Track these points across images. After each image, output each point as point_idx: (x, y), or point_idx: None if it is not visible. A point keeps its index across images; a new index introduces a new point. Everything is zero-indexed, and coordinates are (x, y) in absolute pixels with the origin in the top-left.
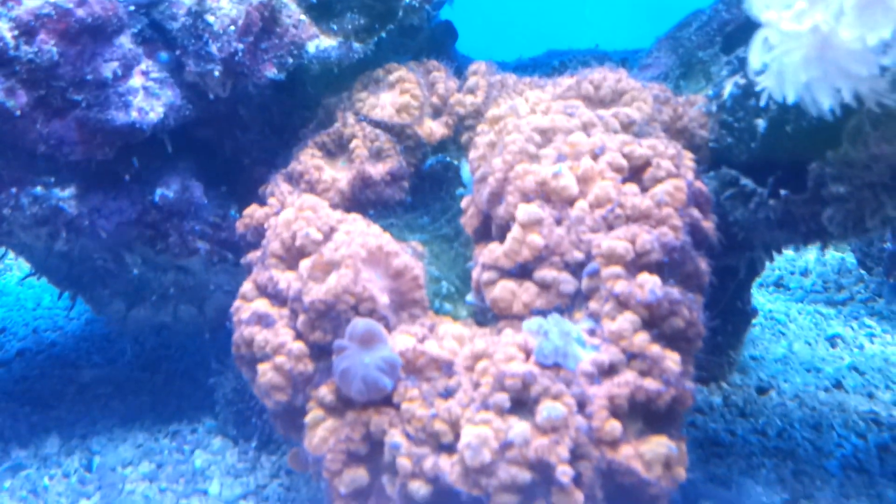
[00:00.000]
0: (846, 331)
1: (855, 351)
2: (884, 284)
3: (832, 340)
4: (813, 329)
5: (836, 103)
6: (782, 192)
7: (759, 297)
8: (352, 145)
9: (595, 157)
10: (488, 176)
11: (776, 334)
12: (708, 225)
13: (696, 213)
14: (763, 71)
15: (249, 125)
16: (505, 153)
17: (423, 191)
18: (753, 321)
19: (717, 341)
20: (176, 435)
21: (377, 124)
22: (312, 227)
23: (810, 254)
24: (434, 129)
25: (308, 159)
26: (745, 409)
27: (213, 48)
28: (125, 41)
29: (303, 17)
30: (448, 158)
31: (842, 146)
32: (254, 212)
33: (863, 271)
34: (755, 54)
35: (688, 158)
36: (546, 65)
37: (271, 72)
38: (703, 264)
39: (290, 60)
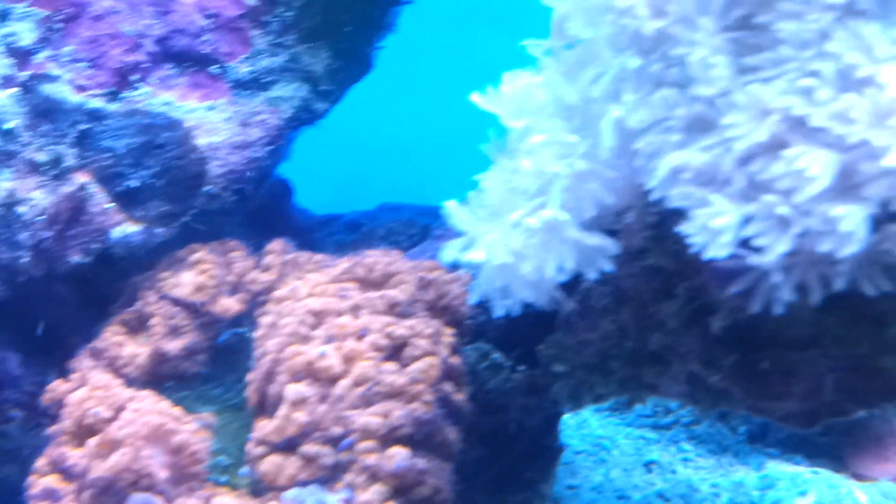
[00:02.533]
0: (663, 456)
1: (668, 476)
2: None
3: (649, 466)
4: (634, 455)
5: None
6: (521, 367)
7: (593, 421)
8: (151, 322)
9: (360, 338)
10: (264, 356)
11: (598, 461)
12: (459, 397)
13: (448, 387)
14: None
15: (66, 299)
16: (279, 335)
17: (219, 363)
18: (578, 449)
19: (527, 477)
20: None
21: (176, 302)
22: (102, 406)
23: None
24: (230, 305)
25: (110, 336)
26: None
27: (23, 237)
28: None
29: (109, 204)
30: (243, 331)
31: (556, 333)
32: (57, 387)
33: None
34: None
35: (447, 335)
36: (373, 220)
37: (77, 257)
38: (453, 434)
39: (95, 246)
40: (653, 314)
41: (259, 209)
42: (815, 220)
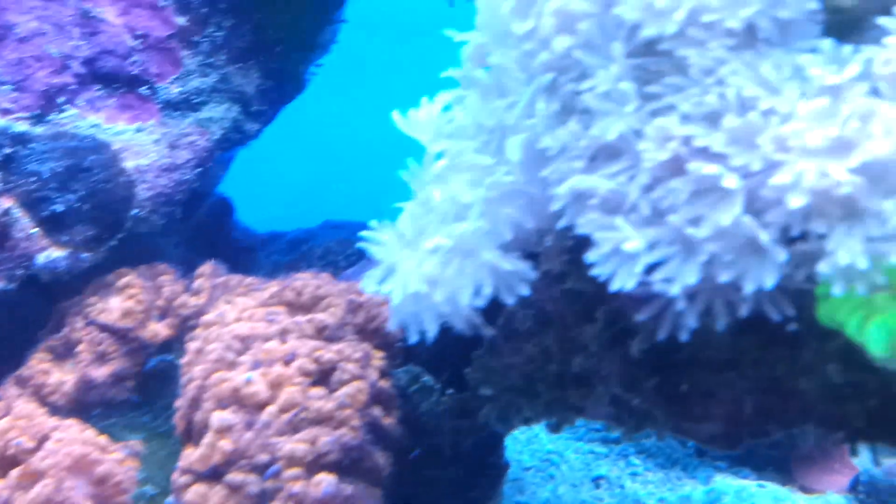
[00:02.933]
0: (612, 471)
1: (616, 491)
2: None
3: (597, 482)
4: (582, 470)
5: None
6: (450, 390)
7: (543, 436)
8: (78, 349)
9: (287, 363)
10: (190, 382)
11: (546, 477)
12: (389, 421)
13: (377, 411)
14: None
15: None
16: (205, 361)
17: (148, 390)
18: (527, 465)
19: (472, 496)
20: None
21: (104, 328)
22: (25, 437)
23: None
24: (159, 330)
25: (36, 363)
26: None
27: None
28: None
29: (34, 230)
30: (172, 358)
31: (482, 356)
32: None
33: None
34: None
35: (377, 358)
36: (314, 238)
37: (1, 284)
38: (383, 459)
39: (20, 272)
40: (575, 337)
41: (199, 228)
42: (712, 247)
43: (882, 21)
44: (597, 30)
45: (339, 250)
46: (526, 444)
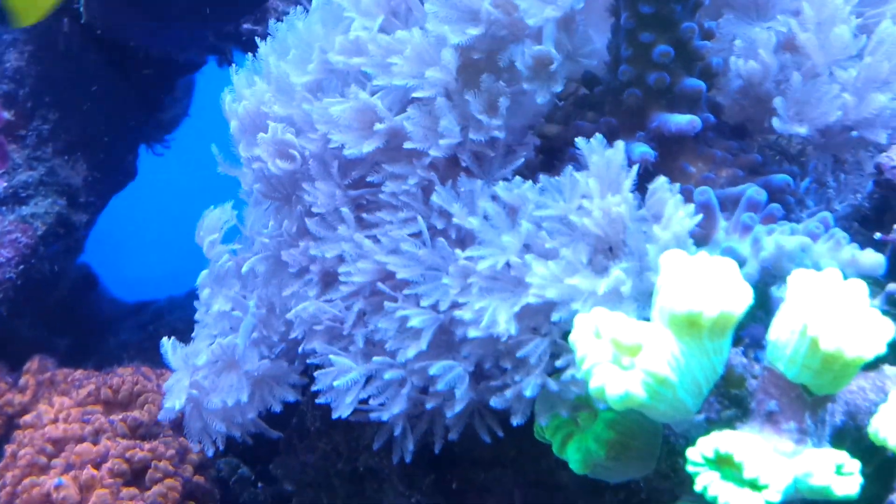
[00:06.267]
0: None
1: None
2: None
3: None
4: None
5: None
6: (261, 484)
7: None
8: None
9: (98, 465)
10: (3, 489)
11: None
12: None
13: None
14: None
15: None
16: (17, 467)
17: None
18: None
19: None
20: None
21: None
22: None
23: None
24: None
25: None
26: None
27: None
28: None
29: None
30: None
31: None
32: None
33: None
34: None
35: (193, 453)
36: (179, 308)
37: None
38: None
39: None
40: (359, 436)
41: (59, 305)
42: (418, 378)
43: (578, 142)
44: (316, 166)
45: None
46: None
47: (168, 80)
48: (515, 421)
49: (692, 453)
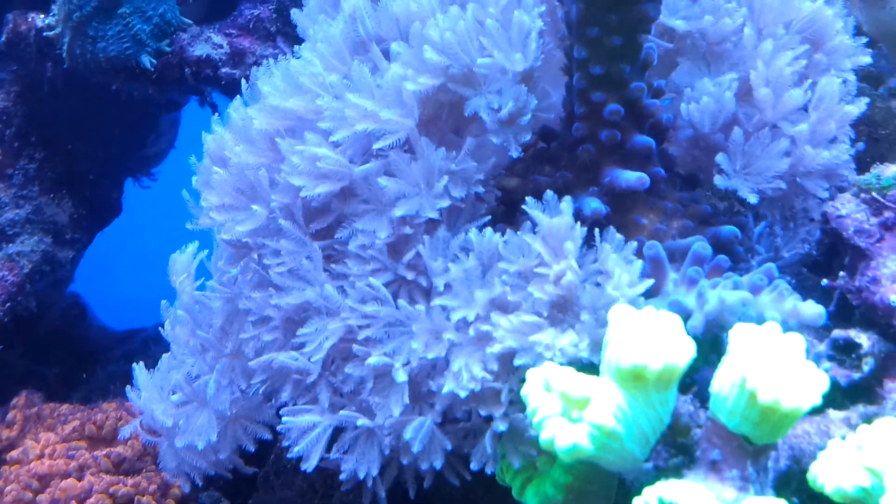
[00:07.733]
0: None
1: None
2: None
3: None
4: None
5: None
6: None
7: None
8: None
9: (83, 500)
10: None
11: None
12: None
13: None
14: None
15: None
16: (3, 503)
17: None
18: None
19: None
20: None
21: None
22: None
23: None
24: None
25: None
26: None
27: None
28: None
29: None
30: None
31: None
32: None
33: None
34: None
35: (176, 487)
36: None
37: None
38: None
39: None
40: (335, 474)
41: (49, 335)
42: (390, 437)
43: (528, 207)
44: (281, 215)
45: None
46: None
47: (152, 117)
48: (475, 466)
49: (638, 502)
